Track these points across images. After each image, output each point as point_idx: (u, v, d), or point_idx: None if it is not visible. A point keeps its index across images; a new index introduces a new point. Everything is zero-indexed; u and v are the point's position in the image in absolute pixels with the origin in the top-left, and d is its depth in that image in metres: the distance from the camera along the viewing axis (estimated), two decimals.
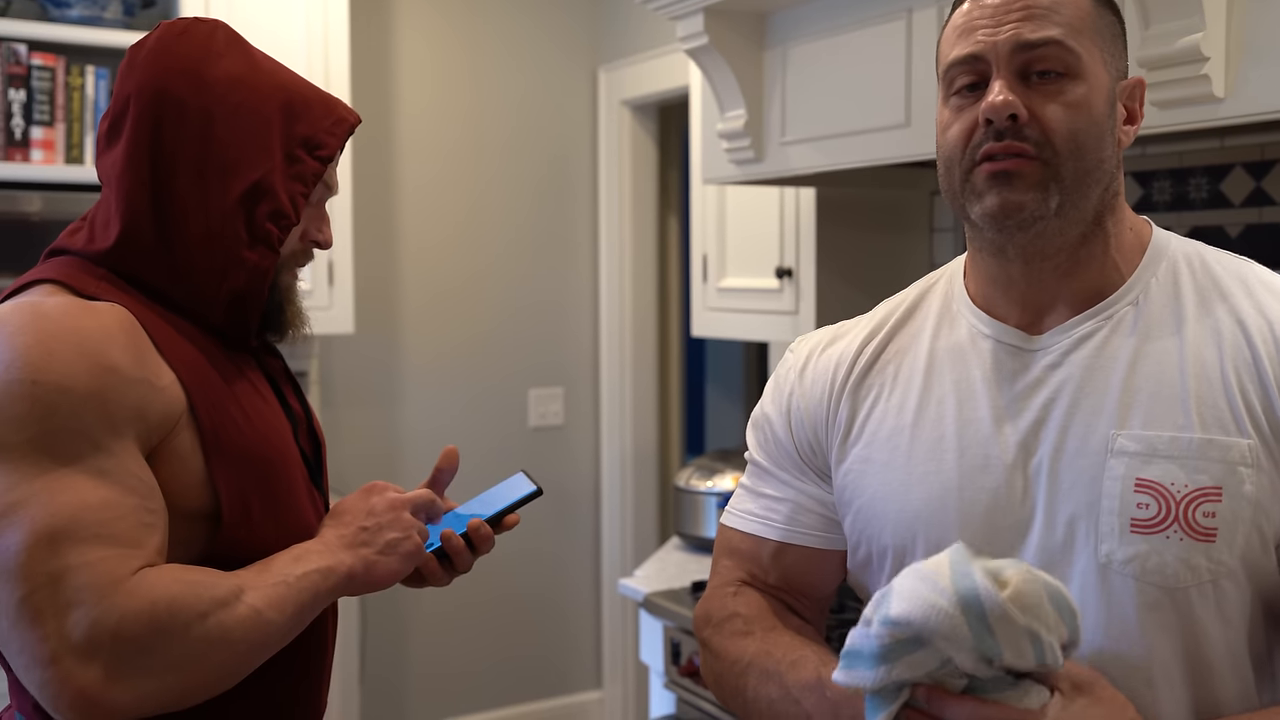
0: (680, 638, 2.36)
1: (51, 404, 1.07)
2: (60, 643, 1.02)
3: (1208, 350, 1.01)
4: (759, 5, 2.13)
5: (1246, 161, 2.01)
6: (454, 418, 3.58)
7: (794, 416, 1.21)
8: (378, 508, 1.28)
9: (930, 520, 1.08)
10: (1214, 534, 0.97)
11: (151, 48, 1.25)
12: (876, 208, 2.59)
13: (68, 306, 1.14)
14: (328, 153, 1.29)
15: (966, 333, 1.12)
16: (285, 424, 1.32)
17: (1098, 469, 1.01)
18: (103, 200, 1.26)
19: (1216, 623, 0.99)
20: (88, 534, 1.04)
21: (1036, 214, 1.02)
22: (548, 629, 3.80)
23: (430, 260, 3.55)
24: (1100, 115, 1.04)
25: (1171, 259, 1.08)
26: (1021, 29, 1.02)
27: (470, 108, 3.59)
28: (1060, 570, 1.02)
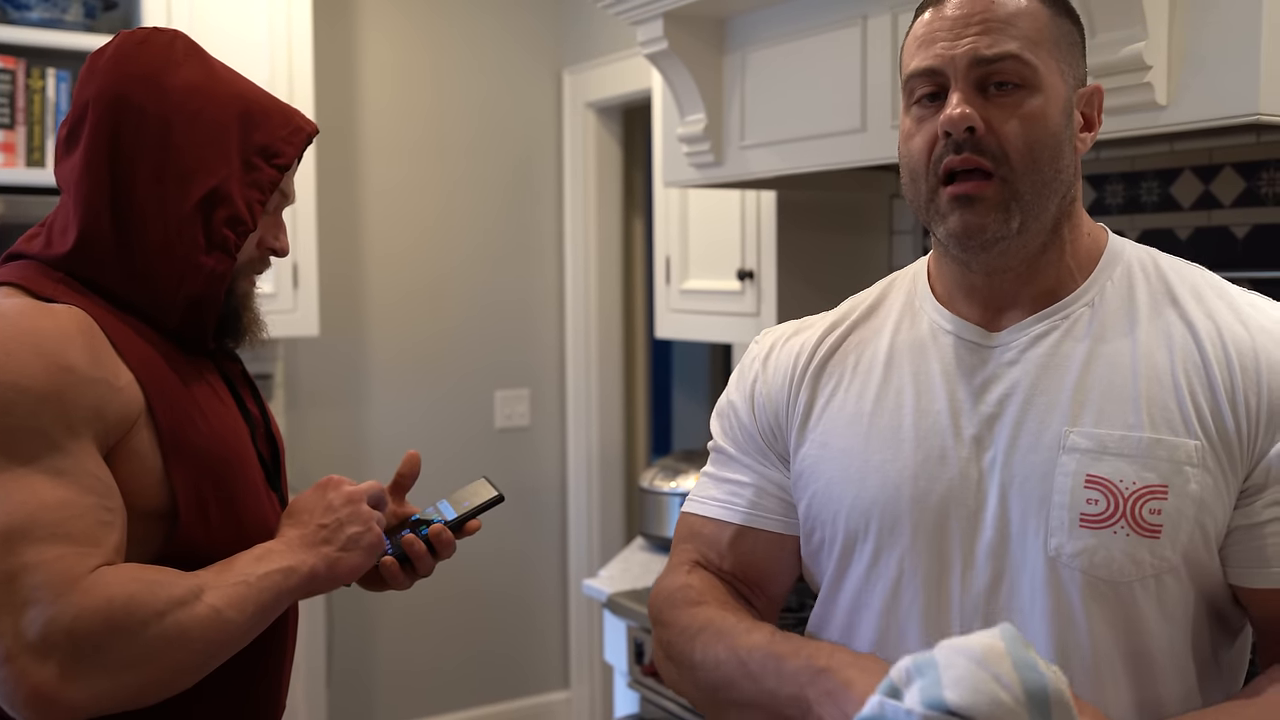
0: (643, 637, 2.38)
1: (8, 403, 1.08)
2: (15, 640, 1.03)
3: (1159, 353, 1.05)
4: (718, 10, 2.15)
5: (1195, 165, 2.05)
6: (420, 419, 3.59)
7: (757, 401, 1.23)
8: (335, 503, 1.29)
9: (884, 507, 1.10)
10: (1159, 530, 1.00)
11: (111, 55, 1.26)
12: (836, 210, 2.62)
13: (24, 308, 1.15)
14: (285, 161, 1.30)
15: (928, 327, 1.15)
16: (243, 426, 1.33)
17: (1050, 464, 1.03)
18: (61, 206, 1.27)
19: (1158, 617, 1.02)
20: (44, 533, 1.06)
21: (999, 235, 1.05)
22: (515, 629, 3.81)
23: (395, 262, 3.56)
24: (1057, 126, 1.06)
25: (1126, 264, 1.11)
26: (978, 43, 1.04)
27: (435, 109, 3.60)
28: (1011, 561, 1.04)
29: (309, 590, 1.25)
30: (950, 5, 1.07)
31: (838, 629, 1.15)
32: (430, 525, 1.40)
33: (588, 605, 3.82)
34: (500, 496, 1.46)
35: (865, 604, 1.12)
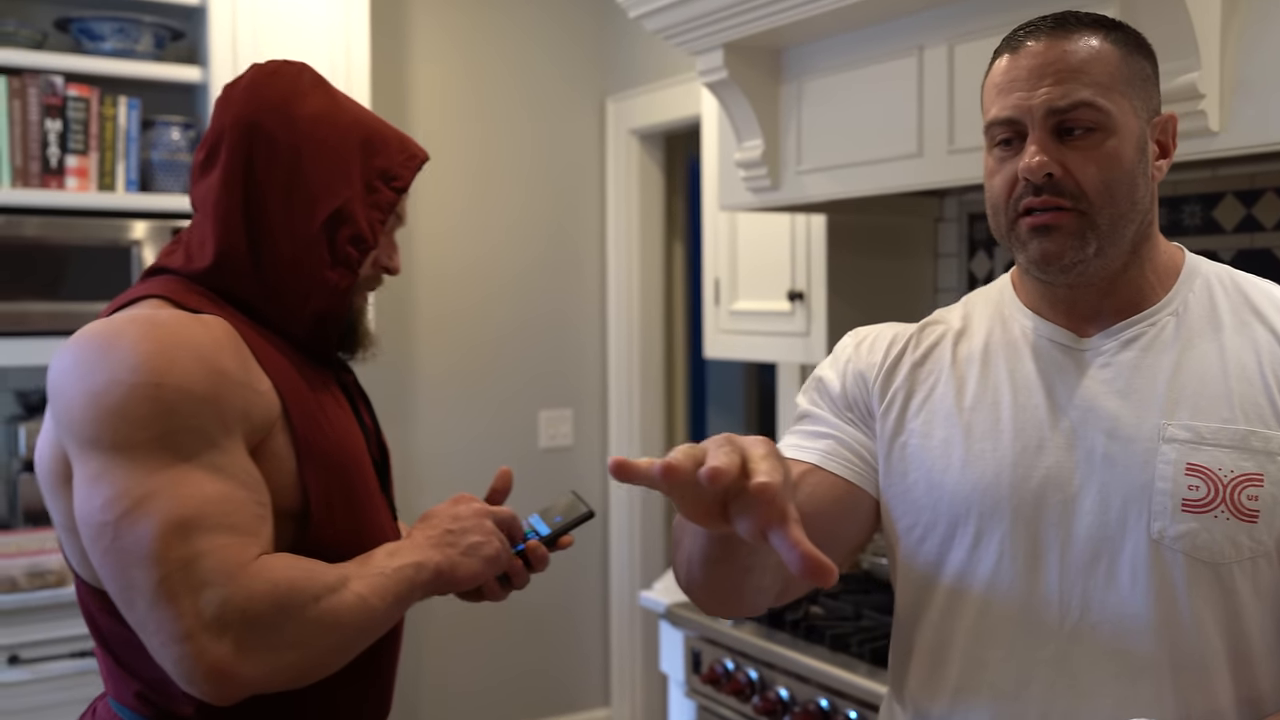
0: (701, 647, 2.45)
1: (173, 405, 1.17)
2: (195, 620, 1.12)
3: (1246, 355, 1.13)
4: (774, 41, 2.25)
5: (1237, 190, 2.13)
6: (467, 439, 3.67)
7: (849, 373, 1.31)
8: (463, 514, 1.39)
9: (985, 493, 1.18)
10: (1256, 515, 1.08)
11: (245, 86, 1.37)
12: (883, 234, 2.70)
13: (180, 318, 1.25)
14: (402, 184, 1.40)
15: (1019, 332, 1.24)
16: (360, 433, 1.42)
17: (1150, 454, 1.11)
18: (196, 224, 1.37)
19: (1253, 598, 1.10)
20: (212, 523, 1.15)
21: (1076, 260, 1.13)
22: (557, 646, 3.88)
23: (443, 286, 3.65)
24: (1131, 163, 1.13)
25: (1205, 277, 1.20)
26: (1053, 94, 1.12)
27: (483, 137, 3.70)
28: (1114, 545, 1.12)
29: (434, 587, 1.33)
30: (1026, 54, 1.15)
31: (938, 609, 1.22)
32: (526, 541, 1.49)
33: (629, 622, 3.89)
34: (591, 512, 1.54)
35: (968, 586, 1.19)
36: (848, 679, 2.08)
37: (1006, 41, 1.20)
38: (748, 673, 2.32)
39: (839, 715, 2.10)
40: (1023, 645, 1.16)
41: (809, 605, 2.43)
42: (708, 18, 2.19)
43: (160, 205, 2.90)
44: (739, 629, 2.36)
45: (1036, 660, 1.15)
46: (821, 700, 2.14)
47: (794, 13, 2.05)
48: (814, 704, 2.15)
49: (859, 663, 2.13)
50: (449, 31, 3.64)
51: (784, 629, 2.32)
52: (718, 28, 2.20)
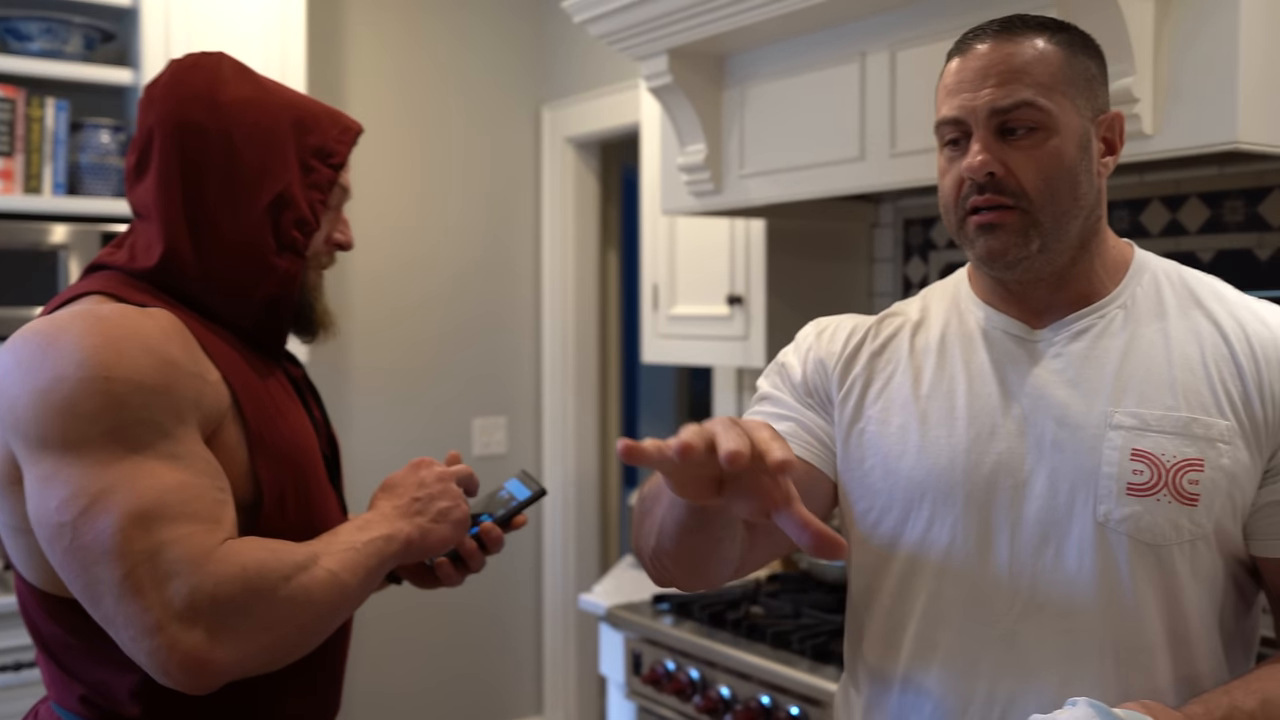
0: (642, 648, 2.46)
1: (123, 397, 1.15)
2: (164, 611, 1.10)
3: (1190, 346, 1.18)
4: (718, 47, 2.28)
5: (1163, 195, 2.21)
6: (400, 446, 3.64)
7: (810, 360, 1.35)
8: (427, 479, 1.37)
9: (940, 477, 1.22)
10: (1197, 499, 1.13)
11: (166, 82, 1.34)
12: (821, 239, 2.75)
13: (124, 311, 1.23)
14: (339, 160, 1.38)
15: (974, 323, 1.28)
16: (311, 426, 1.40)
17: (1097, 440, 1.15)
18: (140, 228, 1.35)
19: (1191, 579, 1.14)
20: (173, 513, 1.13)
21: (1020, 256, 1.18)
22: (489, 654, 3.86)
23: (375, 292, 3.63)
24: (1073, 161, 1.17)
25: (1153, 271, 1.25)
26: (995, 95, 1.16)
27: (417, 144, 3.69)
28: (1062, 528, 1.16)
29: (405, 556, 1.32)
30: (973, 56, 1.19)
31: (891, 592, 1.26)
32: (480, 523, 1.48)
33: (563, 627, 3.88)
34: (544, 490, 1.53)
35: (921, 568, 1.23)
36: (789, 675, 2.11)
37: (956, 45, 1.24)
38: (689, 672, 2.33)
39: (781, 712, 2.12)
40: (973, 625, 1.19)
41: (749, 605, 2.46)
42: (652, 23, 2.21)
43: (89, 209, 2.84)
44: (679, 629, 2.37)
45: (986, 640, 1.18)
46: (763, 697, 2.16)
47: (738, 19, 2.09)
48: (755, 701, 2.17)
49: (800, 659, 2.16)
50: (385, 38, 3.63)
51: (725, 628, 2.35)
52: (662, 33, 2.22)
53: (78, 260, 2.78)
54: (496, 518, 1.49)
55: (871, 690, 1.28)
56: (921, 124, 1.98)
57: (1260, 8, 1.60)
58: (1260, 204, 2.08)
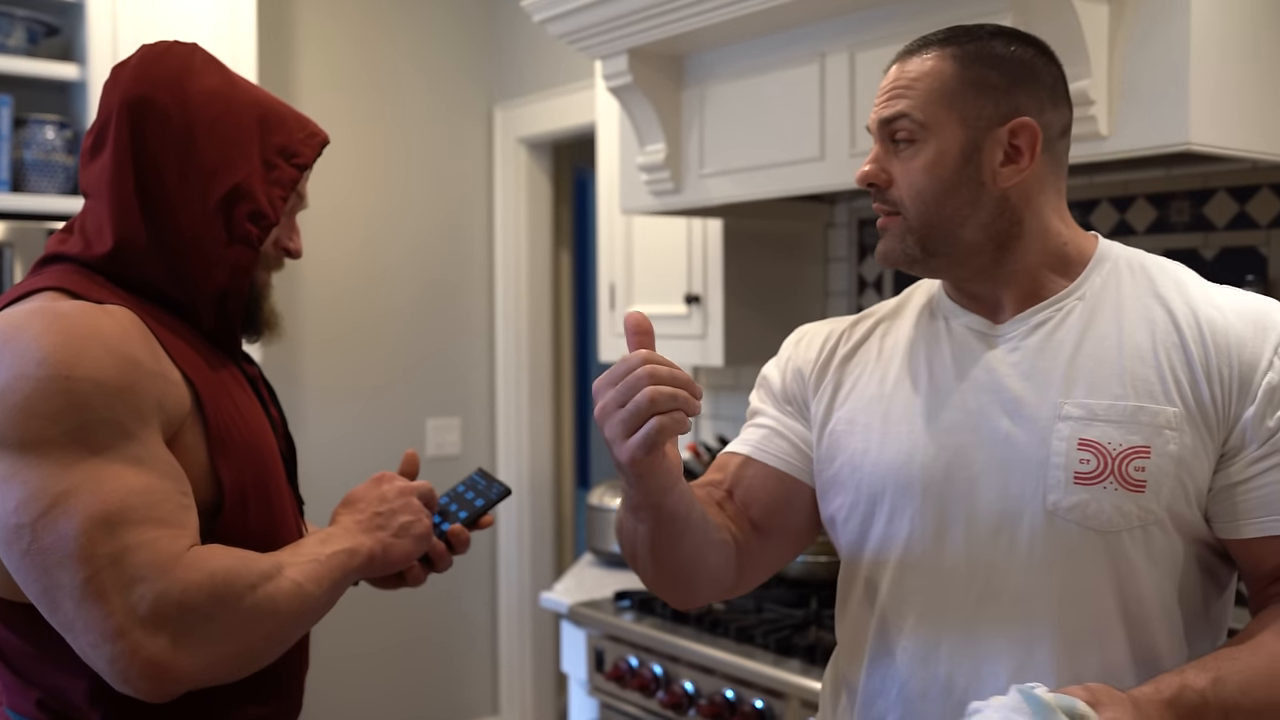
0: (604, 645, 2.47)
1: (85, 397, 1.12)
2: (127, 616, 1.08)
3: (1141, 334, 1.20)
4: (678, 47, 2.30)
5: (1112, 196, 2.27)
6: (353, 448, 3.62)
7: (788, 369, 1.41)
8: (389, 494, 1.37)
9: (899, 472, 1.25)
10: (1143, 486, 1.15)
11: (135, 65, 1.32)
12: (777, 239, 2.78)
13: (84, 309, 1.19)
14: (303, 160, 1.37)
15: (943, 321, 1.31)
16: (269, 425, 1.39)
17: (1047, 431, 1.18)
18: (89, 209, 1.32)
19: (1146, 564, 1.17)
20: (138, 516, 1.11)
21: (907, 256, 1.24)
22: (445, 656, 3.84)
23: (328, 293, 3.60)
24: (950, 171, 1.20)
25: (1114, 262, 1.27)
26: (883, 109, 1.23)
27: (369, 143, 3.67)
28: (1014, 518, 1.19)
29: (367, 571, 1.32)
30: (890, 71, 1.26)
31: (861, 586, 1.29)
32: (447, 524, 1.48)
33: (519, 626, 3.88)
34: (508, 489, 1.54)
35: (885, 558, 1.26)
36: (753, 668, 2.13)
37: None
38: (652, 668, 2.35)
39: (745, 705, 2.14)
40: (932, 613, 1.23)
41: None
42: (612, 23, 2.23)
43: (33, 206, 2.79)
44: (642, 625, 2.39)
45: (944, 627, 1.22)
46: (727, 691, 2.18)
47: (699, 19, 2.11)
48: (719, 695, 2.19)
49: (763, 653, 2.18)
50: (336, 37, 3.60)
51: (688, 623, 2.36)
52: (622, 33, 2.24)
53: (22, 258, 2.72)
54: (463, 519, 1.49)
55: (847, 679, 1.32)
56: None
57: (1211, 12, 1.66)
58: (1205, 205, 2.14)
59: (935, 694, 1.21)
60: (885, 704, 1.25)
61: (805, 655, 2.13)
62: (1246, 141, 1.74)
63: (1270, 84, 1.75)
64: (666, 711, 2.30)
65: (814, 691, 2.02)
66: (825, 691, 1.40)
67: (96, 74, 2.84)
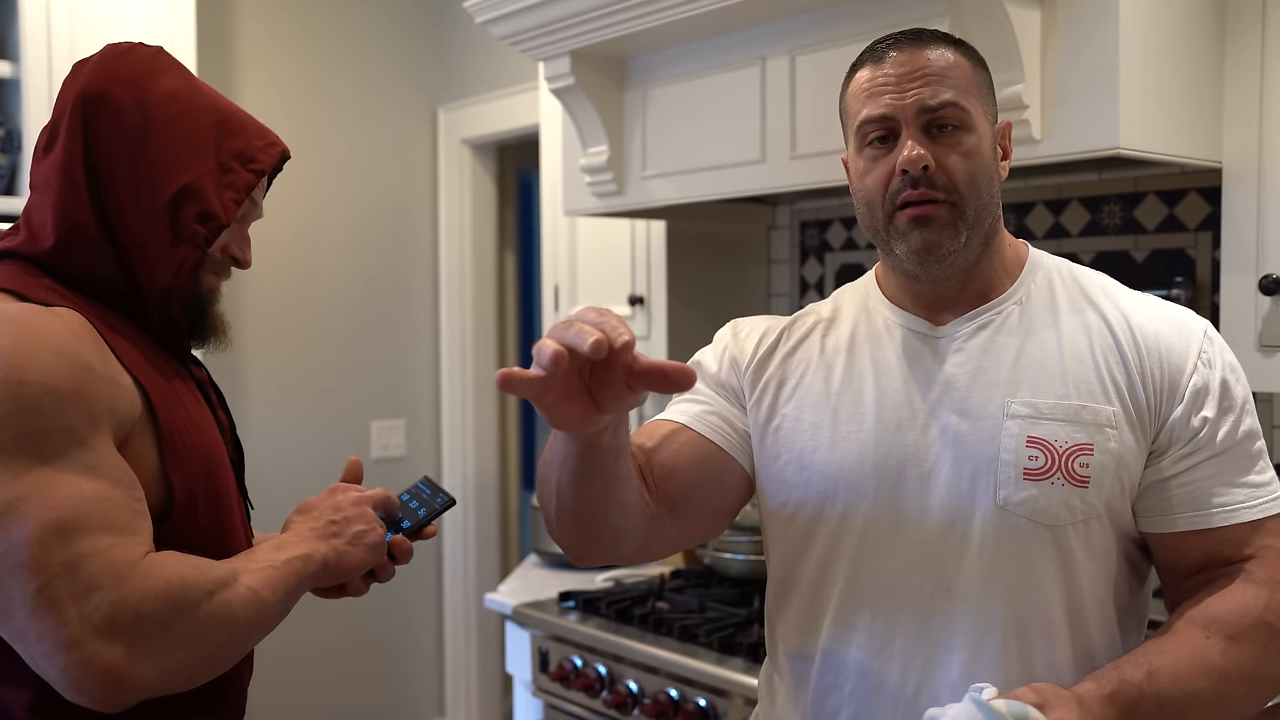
0: (549, 645, 2.47)
1: (36, 402, 1.11)
2: (82, 625, 1.06)
3: (1079, 339, 1.25)
4: (620, 49, 2.31)
5: (1047, 200, 2.31)
6: (297, 450, 3.59)
7: (726, 356, 1.40)
8: (343, 503, 1.37)
9: (851, 470, 1.27)
10: (1087, 481, 1.20)
11: (95, 61, 1.31)
12: (720, 241, 2.80)
13: (31, 311, 1.18)
14: (260, 166, 1.36)
15: (882, 323, 1.34)
16: (217, 429, 1.38)
17: (995, 429, 1.22)
18: (34, 203, 1.30)
19: (1085, 556, 1.22)
20: (93, 524, 1.09)
21: (951, 249, 1.23)
22: (390, 659, 3.82)
23: (269, 295, 3.56)
24: (988, 159, 1.25)
25: (1046, 269, 1.32)
26: (923, 94, 1.22)
27: (310, 144, 3.63)
28: (966, 514, 1.22)
29: (321, 578, 1.31)
30: (891, 61, 1.25)
31: (810, 581, 1.31)
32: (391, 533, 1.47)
33: (465, 628, 3.87)
34: (452, 500, 1.53)
35: (837, 555, 1.28)
36: (696, 667, 2.14)
37: (868, 53, 1.29)
38: (596, 668, 2.35)
39: (689, 704, 2.16)
40: (886, 608, 1.25)
41: (655, 600, 2.49)
42: (555, 25, 2.23)
43: None
44: (586, 625, 2.39)
45: (898, 621, 1.24)
46: (671, 690, 2.19)
47: (640, 22, 2.12)
48: (664, 694, 2.20)
49: (706, 651, 2.20)
50: (277, 37, 3.57)
51: (631, 623, 2.37)
52: (565, 35, 2.25)
53: None
54: (405, 529, 1.48)
55: (793, 674, 1.33)
56: (821, 127, 2.04)
57: (1140, 18, 1.70)
58: (1136, 208, 2.19)
59: (890, 687, 1.24)
60: (839, 698, 1.27)
61: (748, 654, 2.15)
62: (1175, 146, 1.78)
63: (1197, 89, 1.79)
64: (611, 711, 2.30)
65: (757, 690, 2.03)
66: (764, 687, 1.41)
67: (30, 72, 2.79)
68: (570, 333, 0.92)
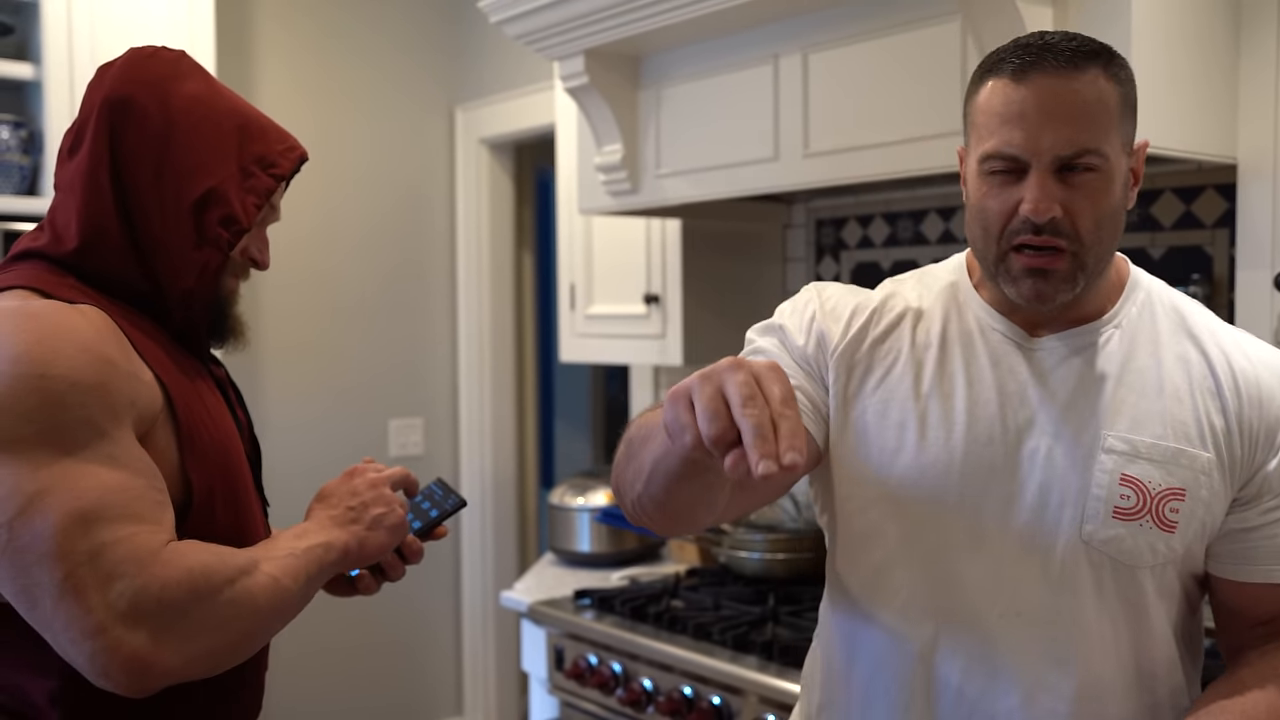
0: (564, 643, 2.48)
1: (60, 396, 1.13)
2: (107, 613, 1.08)
3: (1179, 376, 1.21)
4: (634, 48, 2.31)
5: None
6: (315, 448, 3.61)
7: (813, 330, 1.30)
8: (360, 488, 1.38)
9: (934, 481, 1.22)
10: (1175, 526, 1.18)
11: (120, 65, 1.33)
12: (735, 239, 2.80)
13: (57, 308, 1.20)
14: (280, 171, 1.38)
15: (975, 323, 1.28)
16: (235, 427, 1.40)
17: (1089, 461, 1.19)
18: (59, 204, 1.32)
19: (1156, 597, 1.21)
20: (115, 513, 1.11)
21: (1063, 299, 1.18)
22: (408, 657, 3.84)
23: (288, 294, 3.59)
24: (1119, 199, 1.18)
25: (1147, 291, 1.27)
26: (1060, 139, 1.12)
27: (329, 144, 3.65)
28: (1047, 541, 1.19)
29: (342, 565, 1.32)
30: (1033, 86, 1.13)
31: (867, 580, 1.28)
32: None
33: (483, 626, 3.88)
34: (464, 501, 1.54)
35: (905, 559, 1.24)
36: (711, 665, 2.15)
37: (1011, 58, 1.17)
38: (611, 666, 2.36)
39: (703, 702, 2.16)
40: (951, 624, 1.22)
41: (669, 598, 2.49)
42: (569, 24, 2.24)
43: None
44: (601, 623, 2.40)
45: (962, 639, 1.22)
46: (685, 688, 2.20)
47: (655, 20, 2.12)
48: (678, 692, 2.21)
49: (721, 649, 2.20)
50: (296, 38, 3.59)
51: (646, 621, 2.38)
52: (579, 34, 2.25)
53: None
54: (416, 529, 1.49)
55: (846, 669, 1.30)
56: (834, 125, 2.04)
57: (1152, 14, 1.68)
58: (1153, 205, 2.18)
59: (947, 702, 1.22)
60: (889, 701, 1.25)
61: (762, 652, 2.15)
62: (1190, 142, 1.77)
63: (1212, 85, 1.78)
64: (625, 709, 2.31)
65: (771, 688, 2.04)
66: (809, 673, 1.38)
67: (52, 73, 2.82)
68: (748, 432, 0.85)
